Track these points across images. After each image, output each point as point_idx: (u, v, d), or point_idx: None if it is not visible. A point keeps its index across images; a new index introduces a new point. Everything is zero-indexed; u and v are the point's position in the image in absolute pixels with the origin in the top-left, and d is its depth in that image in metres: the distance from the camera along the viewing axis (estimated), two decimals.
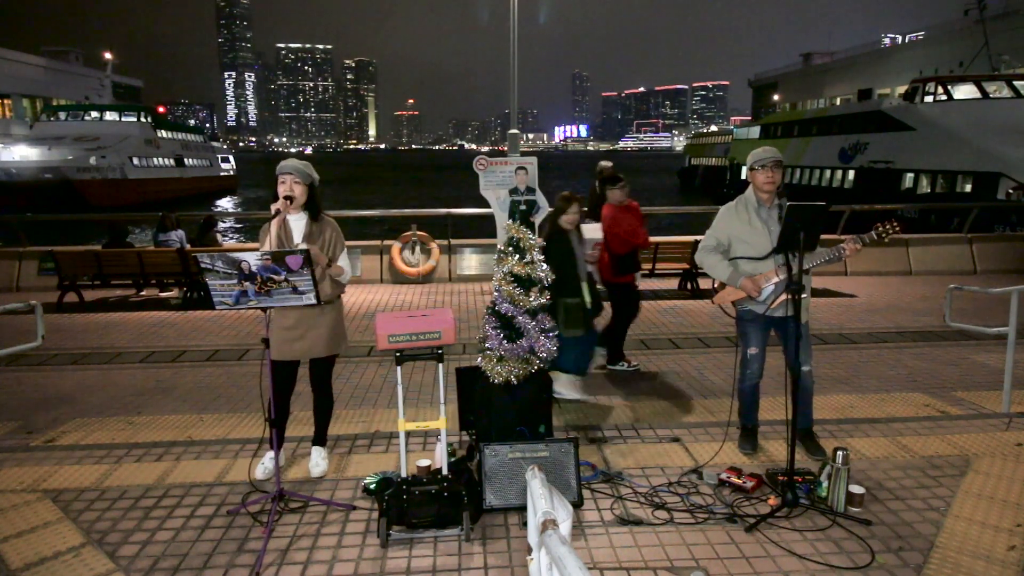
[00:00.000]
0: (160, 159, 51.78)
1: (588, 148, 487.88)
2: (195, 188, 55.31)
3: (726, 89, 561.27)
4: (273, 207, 3.54)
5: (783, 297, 3.77)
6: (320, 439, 4.01)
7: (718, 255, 3.93)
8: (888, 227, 3.71)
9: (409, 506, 3.18)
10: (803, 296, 3.70)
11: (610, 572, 2.94)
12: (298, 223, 3.71)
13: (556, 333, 3.91)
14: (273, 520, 3.30)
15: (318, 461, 3.91)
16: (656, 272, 9.49)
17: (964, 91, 27.82)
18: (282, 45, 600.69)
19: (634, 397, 5.36)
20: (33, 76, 55.64)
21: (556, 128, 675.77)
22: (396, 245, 10.58)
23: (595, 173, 9.82)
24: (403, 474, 3.34)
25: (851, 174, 30.96)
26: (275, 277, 3.18)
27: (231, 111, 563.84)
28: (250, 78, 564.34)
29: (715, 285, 4.07)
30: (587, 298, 4.93)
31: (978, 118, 25.12)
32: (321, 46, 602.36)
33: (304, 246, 3.63)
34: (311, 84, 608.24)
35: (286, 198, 3.55)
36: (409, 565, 3.00)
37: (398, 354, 3.32)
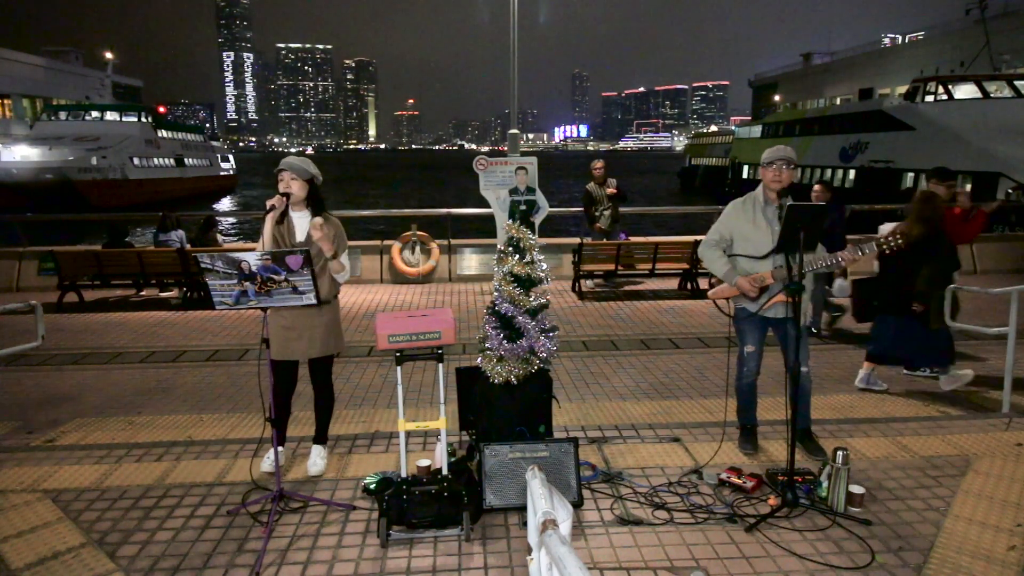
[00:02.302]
0: (160, 159, 51.77)
1: (588, 148, 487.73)
2: (195, 188, 55.32)
3: (726, 89, 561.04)
4: (268, 203, 3.56)
5: (778, 298, 3.78)
6: (321, 438, 4.02)
7: (719, 250, 3.94)
8: (890, 240, 3.70)
9: (409, 506, 3.18)
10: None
11: (610, 572, 2.94)
12: (301, 220, 3.73)
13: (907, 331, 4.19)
14: (273, 520, 3.30)
15: (316, 460, 3.91)
16: (656, 272, 9.49)
17: (965, 91, 27.83)
18: (282, 45, 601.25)
19: (635, 397, 5.36)
20: (33, 76, 55.65)
21: (556, 128, 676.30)
22: (396, 245, 10.58)
23: (589, 174, 9.85)
24: (403, 474, 3.34)
25: (852, 173, 30.97)
26: (275, 277, 3.18)
27: (231, 111, 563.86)
28: (250, 78, 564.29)
29: (712, 281, 4.08)
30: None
31: (979, 118, 25.14)
32: (321, 46, 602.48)
33: (303, 243, 3.66)
34: (311, 84, 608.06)
35: (283, 195, 3.59)
36: (409, 565, 3.00)
37: (398, 354, 3.32)
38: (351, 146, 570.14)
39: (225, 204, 52.90)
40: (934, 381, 5.59)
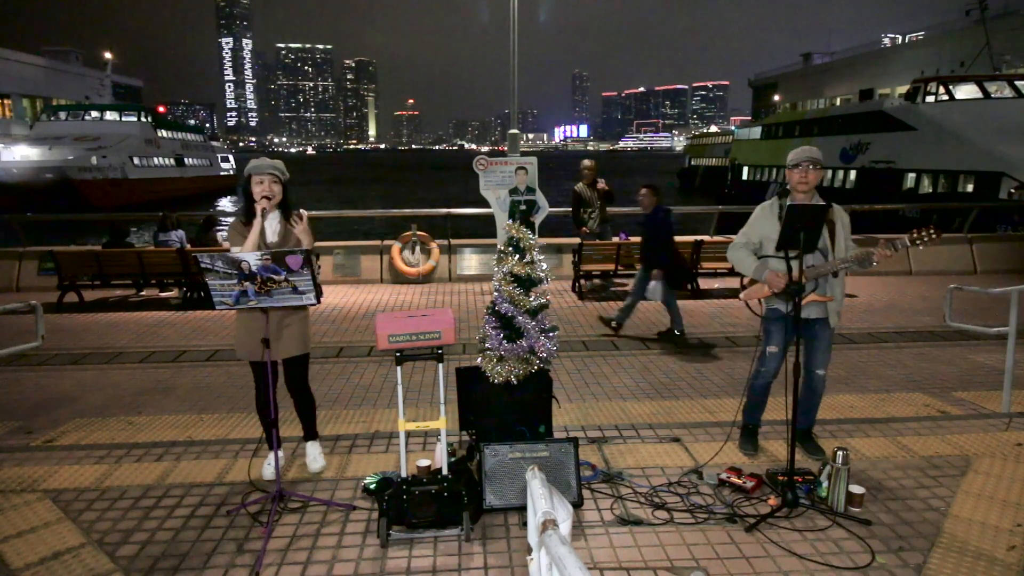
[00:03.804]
0: (160, 159, 51.79)
1: (588, 148, 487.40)
2: (195, 188, 55.34)
3: (726, 89, 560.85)
4: (258, 207, 3.53)
5: (811, 297, 3.77)
6: (311, 435, 3.99)
7: (746, 251, 3.94)
8: (924, 234, 3.55)
9: (409, 506, 3.18)
10: (830, 299, 3.74)
11: (610, 572, 2.94)
12: (271, 221, 3.67)
13: None
14: (273, 520, 3.30)
15: (315, 456, 3.91)
16: None
17: (965, 91, 27.78)
18: (282, 45, 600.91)
19: (635, 397, 5.36)
20: (33, 76, 55.69)
21: (556, 128, 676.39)
22: (396, 245, 10.58)
23: (579, 173, 9.84)
24: (403, 474, 3.34)
25: (852, 174, 30.95)
26: (275, 277, 3.18)
27: (231, 111, 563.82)
28: (250, 78, 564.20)
29: (743, 283, 4.06)
30: None
31: (979, 118, 25.10)
32: (321, 46, 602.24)
33: (275, 243, 3.63)
34: (311, 84, 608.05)
35: (265, 198, 3.53)
36: (409, 565, 3.00)
37: (398, 354, 3.32)
38: (351, 146, 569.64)
39: (225, 204, 52.86)
40: None
